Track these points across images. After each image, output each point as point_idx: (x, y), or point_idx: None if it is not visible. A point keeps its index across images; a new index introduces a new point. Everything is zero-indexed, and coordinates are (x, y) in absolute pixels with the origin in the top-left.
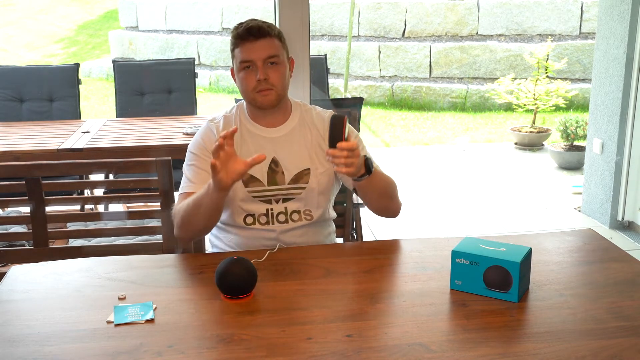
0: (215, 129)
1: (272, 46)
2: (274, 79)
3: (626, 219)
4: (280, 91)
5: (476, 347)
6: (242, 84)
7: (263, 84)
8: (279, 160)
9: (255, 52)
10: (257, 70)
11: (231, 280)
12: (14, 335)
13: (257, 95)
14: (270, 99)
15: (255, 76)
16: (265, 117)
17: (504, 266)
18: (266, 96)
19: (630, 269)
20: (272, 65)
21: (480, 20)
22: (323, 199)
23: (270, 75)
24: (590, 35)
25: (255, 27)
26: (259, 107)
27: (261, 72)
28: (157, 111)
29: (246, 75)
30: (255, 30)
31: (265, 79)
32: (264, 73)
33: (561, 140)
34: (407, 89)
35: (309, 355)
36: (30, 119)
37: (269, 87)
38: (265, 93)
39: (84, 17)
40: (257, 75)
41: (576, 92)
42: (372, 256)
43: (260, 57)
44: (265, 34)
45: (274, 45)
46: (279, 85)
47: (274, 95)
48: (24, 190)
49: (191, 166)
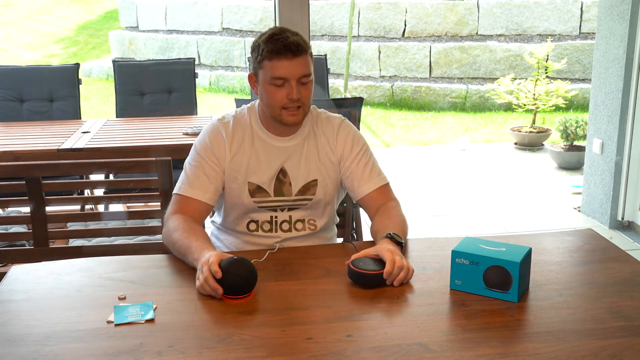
0: (224, 131)
1: (307, 64)
2: (305, 97)
3: (626, 219)
4: (307, 109)
5: (476, 347)
6: (269, 98)
7: (295, 103)
8: (287, 171)
9: (291, 70)
10: (290, 88)
11: (232, 280)
12: (14, 335)
13: (284, 112)
14: (298, 118)
15: (286, 93)
16: (279, 127)
17: (504, 266)
18: (294, 116)
19: (630, 269)
20: (304, 84)
21: (480, 20)
22: (328, 208)
23: (302, 94)
24: (590, 35)
25: (294, 43)
26: (284, 124)
27: (295, 92)
28: (157, 111)
29: (276, 91)
30: (294, 48)
31: (298, 98)
32: (297, 92)
33: (561, 140)
34: (407, 89)
35: (309, 355)
36: (31, 119)
37: (300, 105)
38: (293, 112)
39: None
40: (288, 93)
41: (576, 92)
42: None
43: (295, 75)
44: (302, 51)
45: (308, 63)
46: (307, 103)
47: (301, 115)
48: (24, 190)
49: (193, 167)
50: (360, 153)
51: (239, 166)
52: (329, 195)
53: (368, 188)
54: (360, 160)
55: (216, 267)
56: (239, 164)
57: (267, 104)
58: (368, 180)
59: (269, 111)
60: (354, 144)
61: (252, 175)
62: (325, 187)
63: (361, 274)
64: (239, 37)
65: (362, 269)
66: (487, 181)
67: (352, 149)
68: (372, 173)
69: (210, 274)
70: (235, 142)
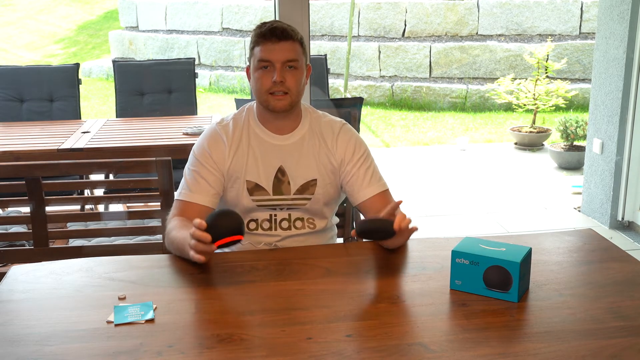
0: (224, 135)
1: (293, 50)
2: (290, 83)
3: (626, 219)
4: (295, 97)
5: (476, 347)
6: (256, 83)
7: (278, 86)
8: (286, 170)
9: (275, 53)
10: (274, 71)
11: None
12: (14, 335)
13: (270, 97)
14: (283, 103)
15: (271, 77)
16: (275, 122)
17: (504, 266)
18: (280, 100)
19: (630, 269)
20: (290, 69)
21: (480, 20)
22: (327, 209)
23: (287, 79)
24: (590, 36)
25: (279, 28)
26: (271, 109)
27: (278, 74)
28: (157, 111)
29: (262, 75)
30: (279, 32)
31: (282, 81)
32: (281, 75)
33: (561, 140)
34: (407, 89)
35: (309, 355)
36: (30, 119)
37: (284, 90)
38: (279, 97)
39: (84, 17)
40: (273, 77)
41: (576, 92)
42: (372, 256)
43: (280, 59)
44: (288, 37)
45: (295, 49)
46: (294, 90)
47: (287, 100)
48: (24, 190)
49: (192, 172)
50: (361, 158)
51: (238, 166)
52: (328, 196)
53: (368, 193)
54: (361, 166)
55: (199, 220)
56: (238, 164)
57: (255, 90)
58: (368, 185)
59: (258, 98)
60: (355, 149)
61: (250, 173)
62: (325, 188)
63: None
64: (239, 37)
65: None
66: (487, 181)
67: (354, 154)
68: (372, 179)
69: (195, 229)
70: (234, 143)
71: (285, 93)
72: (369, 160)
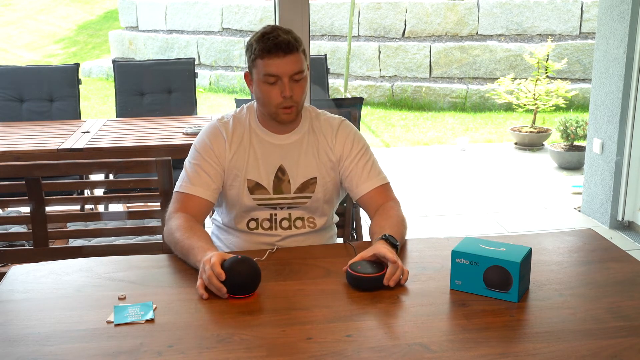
0: (224, 131)
1: (298, 61)
2: (298, 95)
3: (626, 219)
4: (301, 106)
5: (476, 347)
6: (265, 97)
7: (288, 101)
8: (286, 168)
9: (282, 67)
10: (282, 86)
11: (236, 279)
12: (14, 335)
13: (280, 111)
14: (292, 116)
15: (280, 91)
16: (275, 124)
17: (504, 266)
18: (289, 114)
19: (630, 269)
20: (297, 81)
21: (480, 20)
22: (327, 207)
23: (295, 92)
24: (590, 35)
25: (284, 42)
26: (279, 122)
27: (287, 90)
28: (157, 111)
29: (271, 90)
30: (284, 46)
31: (291, 96)
32: (290, 90)
33: (561, 140)
34: (407, 89)
35: (309, 355)
36: (30, 119)
37: (292, 104)
38: (288, 111)
39: (84, 17)
40: (282, 92)
41: (576, 92)
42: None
43: (287, 72)
44: (293, 49)
45: (300, 60)
46: (301, 101)
47: (295, 112)
48: (24, 190)
49: (193, 165)
50: (360, 153)
51: (239, 164)
52: (328, 194)
53: (367, 187)
54: (359, 160)
55: (219, 268)
56: (238, 162)
57: (262, 103)
58: (367, 179)
59: (265, 110)
60: (354, 144)
61: (250, 172)
62: (325, 186)
63: (360, 277)
64: (239, 37)
65: (360, 273)
66: (487, 181)
67: (352, 149)
68: (371, 172)
69: (213, 274)
70: (235, 141)
71: (293, 106)
72: (368, 154)
